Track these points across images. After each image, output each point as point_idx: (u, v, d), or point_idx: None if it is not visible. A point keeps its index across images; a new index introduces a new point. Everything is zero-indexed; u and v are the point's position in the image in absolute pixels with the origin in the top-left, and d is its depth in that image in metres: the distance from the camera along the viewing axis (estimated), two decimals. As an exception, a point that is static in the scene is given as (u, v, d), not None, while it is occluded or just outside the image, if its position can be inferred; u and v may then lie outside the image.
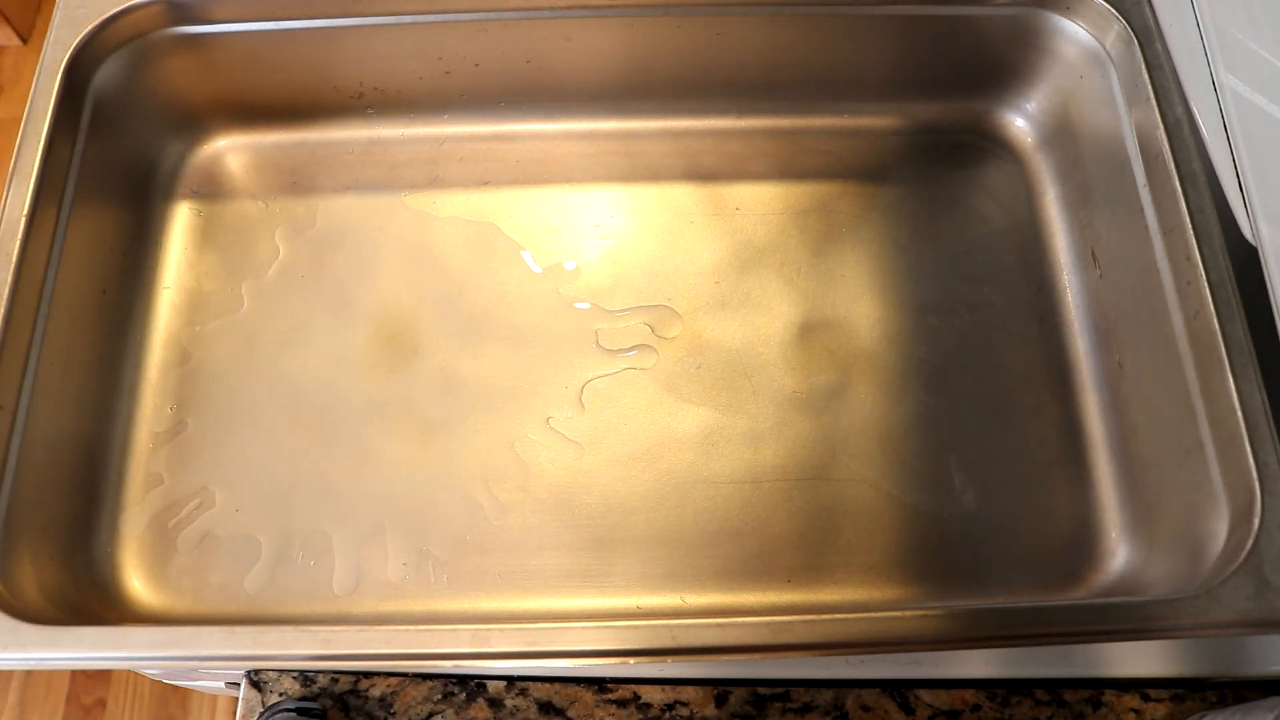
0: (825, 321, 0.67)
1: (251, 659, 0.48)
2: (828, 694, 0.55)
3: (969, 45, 0.69)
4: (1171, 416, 0.57)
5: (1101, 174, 0.65)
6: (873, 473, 0.62)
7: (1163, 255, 0.59)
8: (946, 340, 0.66)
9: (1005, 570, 0.60)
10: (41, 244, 0.58)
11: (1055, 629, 0.49)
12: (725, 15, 0.66)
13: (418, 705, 0.55)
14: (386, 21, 0.66)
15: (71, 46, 0.62)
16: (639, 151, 0.72)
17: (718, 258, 0.69)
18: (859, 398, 0.64)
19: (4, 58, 1.62)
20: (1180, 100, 0.60)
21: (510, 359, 0.65)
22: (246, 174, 0.71)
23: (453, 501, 0.61)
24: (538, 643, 0.49)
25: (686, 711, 0.55)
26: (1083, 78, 0.67)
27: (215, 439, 0.63)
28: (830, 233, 0.69)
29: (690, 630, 0.48)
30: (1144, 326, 0.60)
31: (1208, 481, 0.54)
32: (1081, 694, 0.55)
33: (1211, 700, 0.55)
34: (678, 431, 0.63)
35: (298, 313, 0.67)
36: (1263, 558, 0.49)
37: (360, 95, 0.71)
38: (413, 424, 0.63)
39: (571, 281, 0.68)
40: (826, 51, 0.69)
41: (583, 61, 0.69)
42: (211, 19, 0.66)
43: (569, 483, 0.62)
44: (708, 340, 0.66)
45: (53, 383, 0.58)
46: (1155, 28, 0.62)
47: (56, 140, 0.60)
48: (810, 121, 0.73)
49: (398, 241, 0.69)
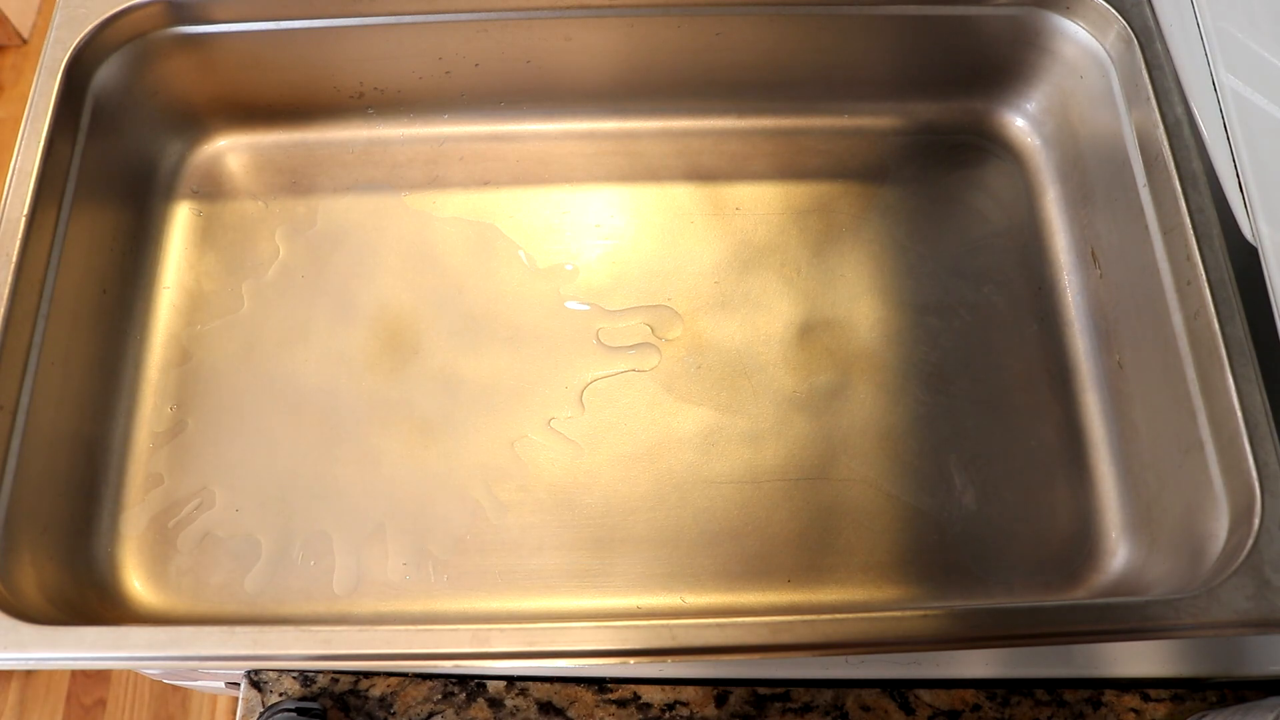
0: (825, 321, 0.67)
1: (251, 659, 0.48)
2: (828, 694, 0.55)
3: (969, 45, 0.69)
4: (1171, 416, 0.57)
5: (1101, 174, 0.65)
6: (873, 473, 0.62)
7: (1163, 255, 0.59)
8: (946, 340, 0.66)
9: (1005, 570, 0.60)
10: (41, 244, 0.58)
11: (1055, 629, 0.49)
12: (725, 15, 0.66)
13: (418, 705, 0.55)
14: (386, 21, 0.66)
15: (71, 46, 0.62)
16: (639, 151, 0.72)
17: (718, 258, 0.69)
18: (859, 398, 0.64)
19: (4, 58, 1.62)
20: (1180, 100, 0.60)
21: (510, 359, 0.65)
22: (246, 174, 0.71)
23: (453, 501, 0.61)
24: (538, 643, 0.49)
25: (686, 711, 0.55)
26: (1083, 78, 0.67)
27: (215, 439, 0.63)
28: (830, 233, 0.69)
29: (690, 630, 0.48)
30: (1144, 326, 0.60)
31: (1208, 481, 0.54)
32: (1081, 694, 0.55)
33: (1211, 700, 0.55)
34: (678, 431, 0.63)
35: (298, 313, 0.67)
36: (1263, 558, 0.49)
37: (360, 95, 0.71)
38: (413, 424, 0.63)
39: (571, 281, 0.68)
40: (826, 51, 0.69)
41: (583, 61, 0.69)
42: (211, 19, 0.66)
43: (569, 483, 0.62)
44: (708, 340, 0.66)
45: (53, 383, 0.58)
46: (1155, 28, 0.62)
47: (56, 140, 0.60)
48: (810, 121, 0.73)
49: (398, 241, 0.69)
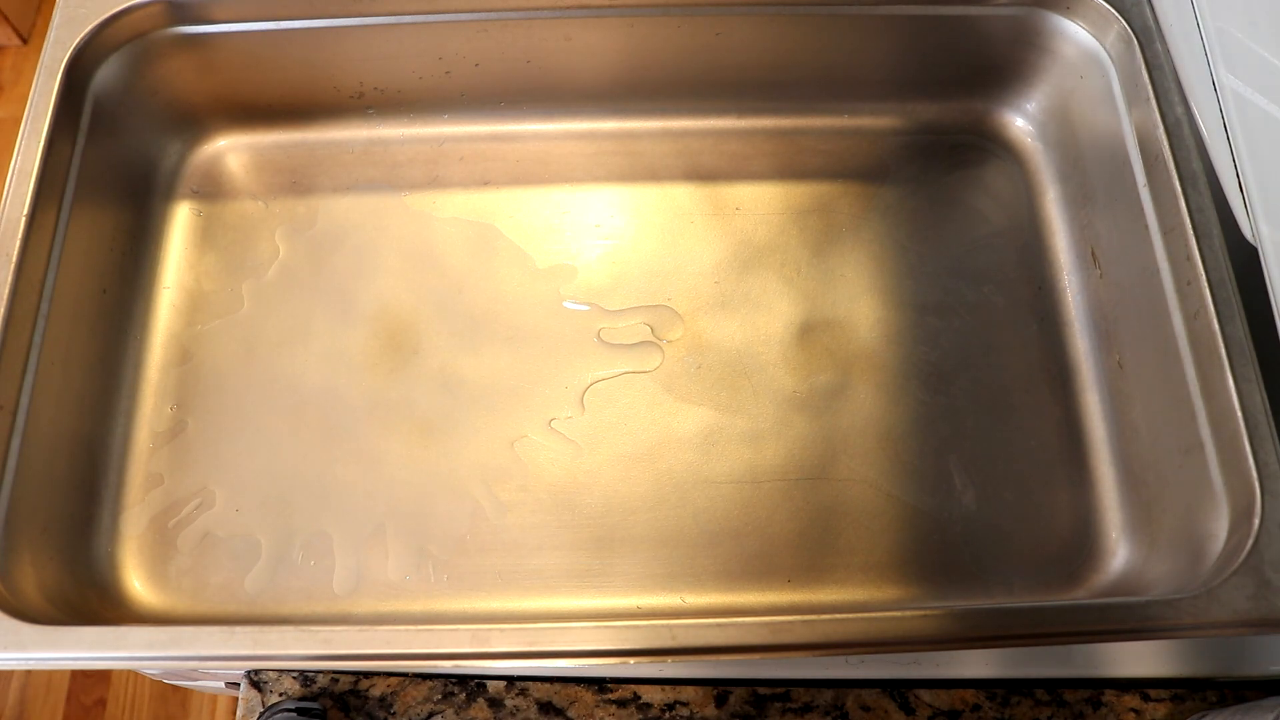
0: (825, 321, 0.67)
1: (251, 659, 0.48)
2: (828, 694, 0.55)
3: (969, 45, 0.69)
4: (1171, 416, 0.57)
5: (1101, 174, 0.65)
6: (873, 473, 0.62)
7: (1163, 255, 0.59)
8: (946, 340, 0.66)
9: (1005, 570, 0.60)
10: (41, 244, 0.58)
11: (1055, 629, 0.49)
12: (725, 15, 0.66)
13: (418, 705, 0.55)
14: (386, 21, 0.66)
15: (71, 46, 0.62)
16: (639, 151, 0.72)
17: (718, 258, 0.69)
18: (859, 398, 0.64)
19: (4, 58, 1.62)
20: (1180, 100, 0.60)
21: (510, 359, 0.65)
22: (246, 174, 0.71)
23: (453, 501, 0.61)
24: (538, 643, 0.49)
25: (686, 711, 0.55)
26: (1083, 78, 0.67)
27: (215, 439, 0.63)
28: (830, 233, 0.69)
29: (690, 630, 0.48)
30: (1144, 326, 0.60)
31: (1208, 481, 0.54)
32: (1081, 694, 0.55)
33: (1211, 700, 0.55)
34: (678, 431, 0.63)
35: (298, 313, 0.67)
36: (1263, 558, 0.49)
37: (360, 95, 0.71)
38: (413, 424, 0.63)
39: (571, 281, 0.68)
40: (826, 51, 0.69)
41: (583, 61, 0.69)
42: (211, 19, 0.66)
43: (569, 483, 0.62)
44: (708, 340, 0.66)
45: (53, 383, 0.58)
46: (1155, 28, 0.62)
47: (56, 140, 0.60)
48: (810, 121, 0.73)
49: (398, 241, 0.69)
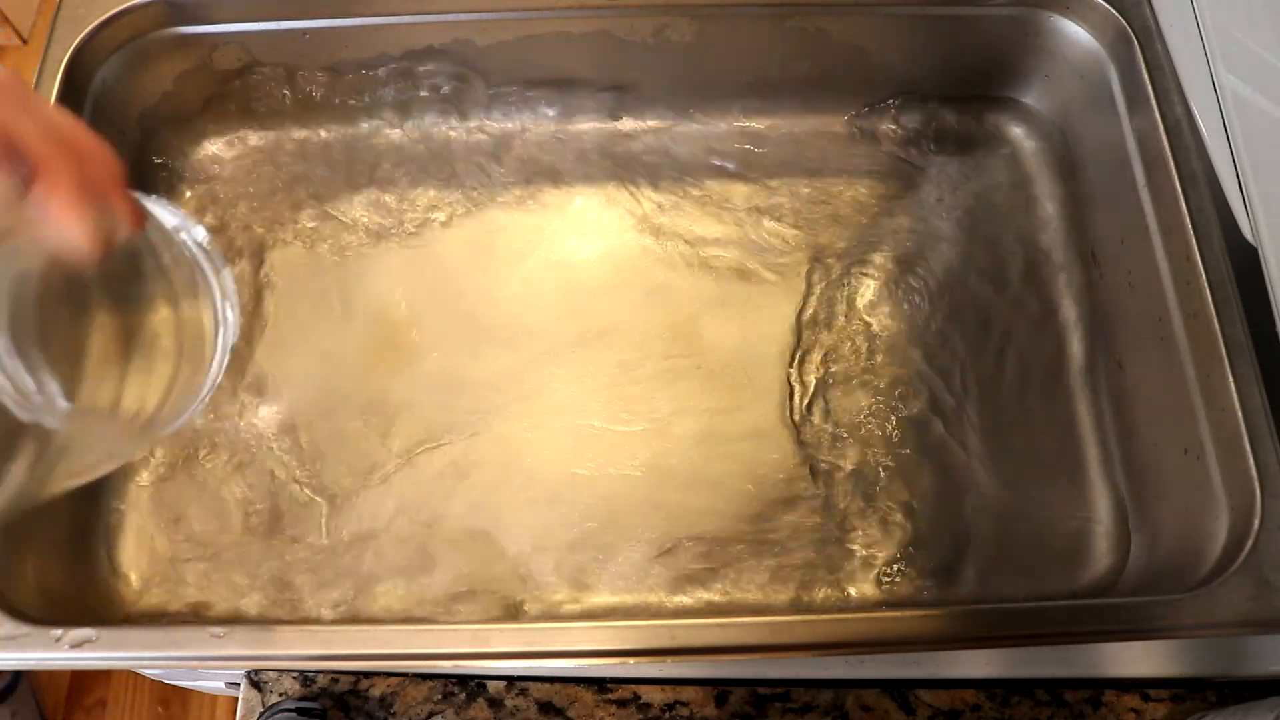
0: (824, 321, 0.67)
1: (251, 659, 0.48)
2: (828, 694, 0.55)
3: (969, 45, 0.69)
4: (1171, 416, 0.57)
5: (1101, 174, 0.66)
6: (872, 473, 0.62)
7: (1163, 255, 0.59)
8: (946, 340, 0.66)
9: (1005, 570, 0.60)
10: (41, 244, 0.58)
11: (1055, 629, 0.49)
12: (725, 15, 0.66)
13: (418, 705, 0.55)
14: (386, 21, 0.66)
15: (71, 46, 0.62)
16: (638, 151, 0.72)
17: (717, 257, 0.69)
18: (859, 398, 0.64)
19: (4, 58, 1.62)
20: (1180, 100, 0.60)
21: (510, 359, 0.65)
22: (245, 174, 0.71)
23: (453, 501, 0.61)
24: (538, 643, 0.49)
25: (686, 711, 0.55)
26: (1083, 78, 0.67)
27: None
28: (831, 233, 0.69)
29: (690, 630, 0.48)
30: (1144, 326, 0.60)
31: (1208, 481, 0.54)
32: (1081, 694, 0.55)
33: (1211, 700, 0.55)
34: (678, 431, 0.63)
35: (298, 313, 0.67)
36: (1263, 558, 0.49)
37: (360, 95, 0.71)
38: (413, 424, 0.63)
39: (571, 281, 0.68)
40: (827, 52, 0.69)
41: (583, 61, 0.69)
42: (211, 19, 0.66)
43: (569, 482, 0.62)
44: (708, 340, 0.66)
45: (53, 383, 0.58)
46: (1155, 28, 0.62)
47: (56, 140, 0.60)
48: (810, 121, 0.73)
49: (398, 241, 0.69)
